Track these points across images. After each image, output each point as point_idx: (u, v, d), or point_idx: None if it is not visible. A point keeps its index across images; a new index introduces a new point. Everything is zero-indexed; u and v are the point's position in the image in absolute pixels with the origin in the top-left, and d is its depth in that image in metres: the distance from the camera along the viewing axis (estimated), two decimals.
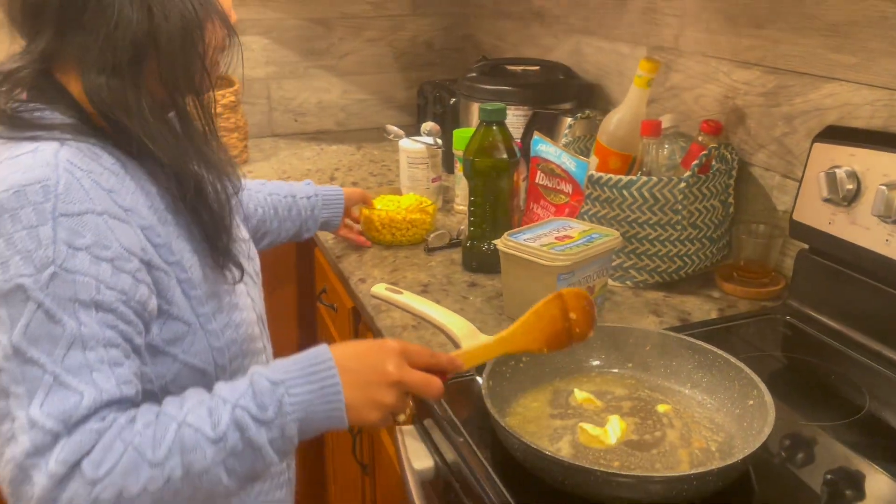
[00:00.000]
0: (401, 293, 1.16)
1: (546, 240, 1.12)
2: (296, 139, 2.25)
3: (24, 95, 0.76)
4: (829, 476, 0.82)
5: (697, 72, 1.43)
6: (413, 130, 1.67)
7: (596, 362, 0.98)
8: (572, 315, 0.87)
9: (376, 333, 1.18)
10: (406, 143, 1.61)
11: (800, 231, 1.12)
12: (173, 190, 0.79)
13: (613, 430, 0.84)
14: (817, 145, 1.08)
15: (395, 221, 1.40)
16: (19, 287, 0.66)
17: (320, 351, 0.75)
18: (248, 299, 0.91)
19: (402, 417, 0.79)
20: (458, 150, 1.57)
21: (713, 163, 1.25)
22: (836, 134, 1.07)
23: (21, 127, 0.73)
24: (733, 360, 0.89)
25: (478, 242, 1.31)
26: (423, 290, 1.26)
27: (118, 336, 0.71)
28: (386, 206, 1.45)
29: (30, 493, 0.65)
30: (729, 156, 1.25)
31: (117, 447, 0.66)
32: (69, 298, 0.67)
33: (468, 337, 1.04)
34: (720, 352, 0.91)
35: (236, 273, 0.87)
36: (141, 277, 0.74)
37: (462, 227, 1.45)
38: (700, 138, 1.25)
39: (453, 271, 1.34)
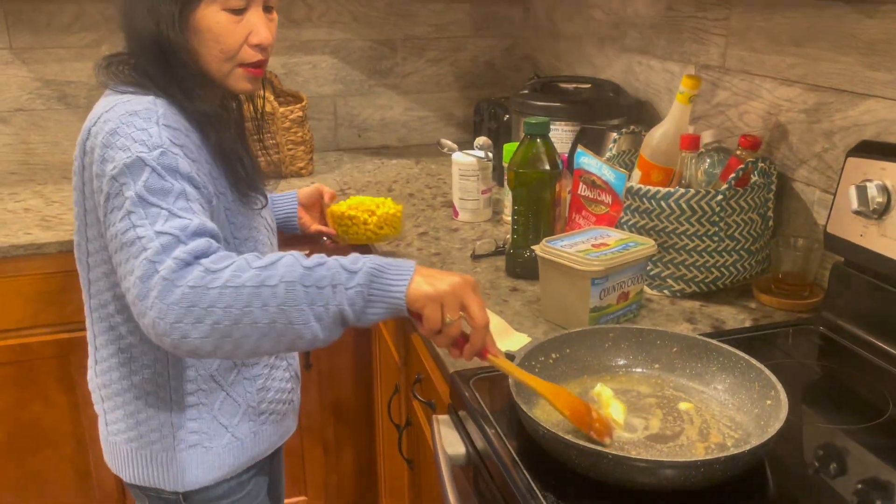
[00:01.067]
0: None
1: (583, 246, 1.18)
2: (359, 153, 2.36)
3: (130, 69, 1.04)
4: (844, 474, 0.85)
5: (742, 89, 1.46)
6: (469, 146, 1.75)
7: (622, 361, 1.03)
8: (597, 418, 0.89)
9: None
10: (458, 156, 1.69)
11: (834, 243, 1.14)
12: (222, 146, 1.05)
13: (616, 411, 0.90)
14: (851, 159, 1.11)
15: (341, 216, 1.43)
16: (139, 158, 0.91)
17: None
18: (269, 245, 1.18)
19: (449, 317, 0.87)
20: (507, 164, 1.64)
21: (753, 177, 1.28)
22: (870, 148, 1.09)
23: (127, 84, 1.02)
24: (754, 362, 0.93)
25: (520, 250, 1.38)
26: None
27: (204, 201, 0.96)
28: (348, 204, 1.45)
29: (156, 280, 0.84)
30: (768, 170, 1.28)
31: (228, 255, 0.88)
32: (173, 168, 0.93)
33: (501, 333, 1.10)
34: (742, 354, 0.95)
35: (261, 199, 1.14)
36: (209, 183, 1.00)
37: (508, 236, 1.51)
38: (739, 152, 1.28)
39: (497, 277, 1.40)
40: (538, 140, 1.34)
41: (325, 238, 1.48)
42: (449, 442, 1.01)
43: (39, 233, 1.65)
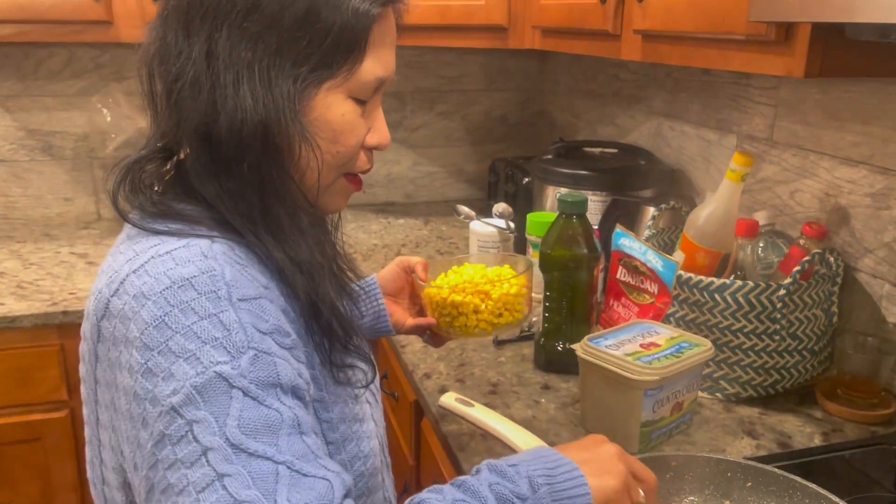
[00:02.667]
0: (472, 405, 1.07)
1: (630, 347, 1.03)
2: (363, 210, 2.22)
3: (158, 188, 0.69)
4: None
5: (793, 165, 1.34)
6: (483, 206, 1.62)
7: (692, 498, 0.87)
8: None
9: (441, 438, 1.10)
10: (477, 226, 1.56)
11: None
12: (305, 295, 0.68)
13: None
14: None
15: (443, 304, 0.98)
16: (218, 376, 0.56)
17: (542, 447, 0.71)
18: (372, 423, 0.80)
19: (642, 499, 0.72)
20: (531, 235, 1.51)
21: (816, 267, 1.14)
22: None
23: (163, 218, 0.66)
24: None
25: (552, 340, 1.23)
26: (492, 391, 1.18)
27: (313, 422, 0.63)
28: (445, 283, 1.01)
29: None
30: (833, 261, 1.15)
31: None
32: (272, 383, 0.58)
33: None
34: (835, 497, 0.80)
35: (369, 373, 0.76)
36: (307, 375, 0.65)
37: (535, 319, 1.37)
38: (802, 241, 1.15)
39: (524, 369, 1.25)
40: (574, 219, 1.20)
41: (427, 334, 1.03)
42: None
43: (13, 303, 1.49)
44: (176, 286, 0.59)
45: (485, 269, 1.01)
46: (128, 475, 0.63)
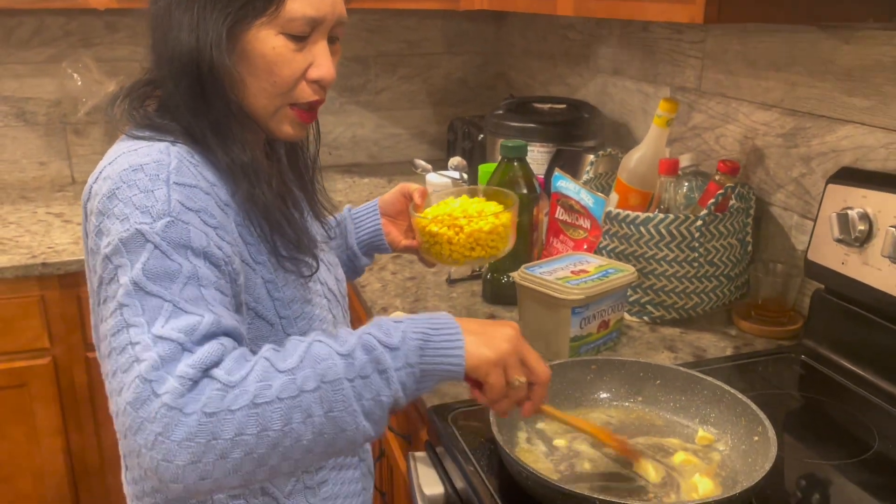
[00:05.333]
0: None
1: (562, 273, 1.15)
2: (329, 171, 2.32)
3: (153, 107, 0.84)
4: None
5: (718, 112, 1.46)
6: (443, 164, 1.72)
7: (605, 395, 1.00)
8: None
9: None
10: (432, 177, 1.66)
11: (814, 270, 1.13)
12: (260, 203, 0.82)
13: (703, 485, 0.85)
14: (831, 186, 1.10)
15: (423, 231, 1.05)
16: (138, 232, 0.70)
17: (439, 312, 0.78)
18: (325, 312, 0.92)
19: (517, 381, 0.77)
20: (481, 184, 1.61)
21: (731, 202, 1.26)
22: (850, 175, 1.09)
23: (143, 127, 0.81)
24: (740, 396, 0.91)
25: (498, 275, 1.35)
26: None
27: (225, 285, 0.74)
28: (429, 213, 1.08)
29: (155, 408, 0.64)
30: (746, 194, 1.27)
31: (247, 359, 0.68)
32: (183, 244, 0.71)
33: None
34: (728, 388, 0.93)
35: (312, 264, 0.88)
36: (237, 254, 0.78)
37: None
38: (717, 177, 1.27)
39: (474, 303, 1.37)
40: (515, 163, 1.31)
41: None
42: (426, 481, 0.98)
43: None
44: (131, 169, 0.74)
45: (469, 202, 1.09)
46: None
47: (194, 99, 0.79)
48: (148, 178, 0.73)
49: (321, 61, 0.82)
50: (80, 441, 1.71)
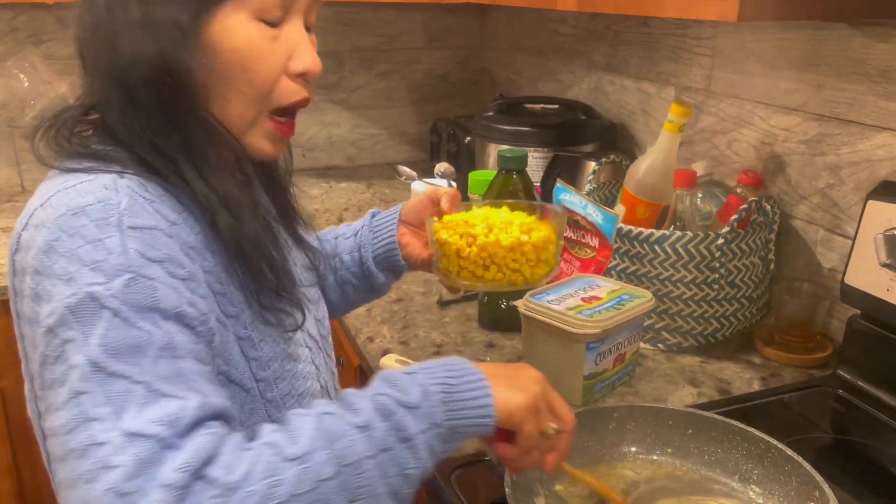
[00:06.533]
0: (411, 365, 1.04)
1: (572, 301, 1.02)
2: (303, 175, 2.17)
3: (89, 132, 0.68)
4: None
5: (730, 114, 1.34)
6: (426, 167, 1.59)
7: (633, 448, 0.88)
8: None
9: None
10: (419, 186, 1.53)
11: (853, 296, 1.02)
12: (240, 240, 0.67)
13: None
14: (872, 203, 0.98)
15: (436, 239, 0.85)
16: (89, 296, 0.56)
17: (453, 357, 0.67)
18: (310, 366, 0.79)
19: (551, 429, 0.68)
20: (473, 194, 1.48)
21: (753, 216, 1.15)
22: (895, 191, 0.97)
23: (79, 157, 0.64)
24: (789, 452, 0.79)
25: (496, 298, 1.22)
26: (437, 352, 1.16)
27: (204, 353, 0.61)
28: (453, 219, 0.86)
29: None
30: (770, 209, 1.16)
31: (248, 448, 0.55)
32: (149, 306, 0.57)
33: None
34: (773, 441, 0.81)
35: (299, 318, 0.74)
36: (211, 309, 0.64)
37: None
38: (738, 190, 1.16)
39: (469, 329, 1.24)
40: (515, 175, 1.18)
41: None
42: None
43: None
44: (70, 213, 0.59)
45: (497, 212, 0.87)
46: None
47: (156, 116, 0.64)
48: (94, 223, 0.58)
49: (303, 49, 0.67)
50: (32, 480, 1.56)
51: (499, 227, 0.83)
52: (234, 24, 0.63)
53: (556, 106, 1.70)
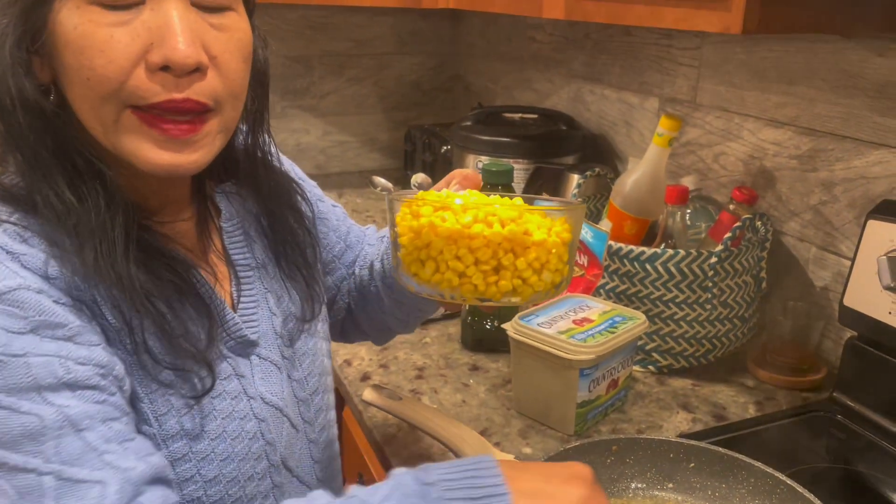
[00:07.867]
0: (399, 399, 0.97)
1: (562, 324, 0.97)
2: None
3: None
4: None
5: (717, 127, 1.31)
6: (399, 175, 1.52)
7: (632, 483, 0.83)
8: None
9: (365, 430, 1.02)
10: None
11: (851, 318, 0.98)
12: (93, 269, 0.57)
13: None
14: (873, 222, 0.95)
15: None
16: None
17: (484, 458, 0.55)
18: (261, 442, 0.68)
19: None
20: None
21: (746, 233, 1.11)
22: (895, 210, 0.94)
23: None
24: (800, 489, 0.75)
25: (479, 318, 1.16)
26: (419, 376, 1.10)
27: (114, 409, 0.54)
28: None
29: None
30: (762, 226, 1.12)
31: None
32: (27, 387, 0.50)
33: (479, 451, 0.88)
34: (782, 476, 0.77)
35: (206, 380, 0.62)
36: (114, 352, 0.56)
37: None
38: (731, 207, 1.12)
39: (451, 350, 1.18)
40: (499, 189, 1.13)
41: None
42: None
43: None
44: None
45: (492, 199, 0.66)
46: None
47: (25, 144, 0.56)
48: None
49: (166, 37, 0.53)
50: None
51: (481, 204, 0.61)
52: (65, 15, 0.54)
53: (536, 116, 1.66)
